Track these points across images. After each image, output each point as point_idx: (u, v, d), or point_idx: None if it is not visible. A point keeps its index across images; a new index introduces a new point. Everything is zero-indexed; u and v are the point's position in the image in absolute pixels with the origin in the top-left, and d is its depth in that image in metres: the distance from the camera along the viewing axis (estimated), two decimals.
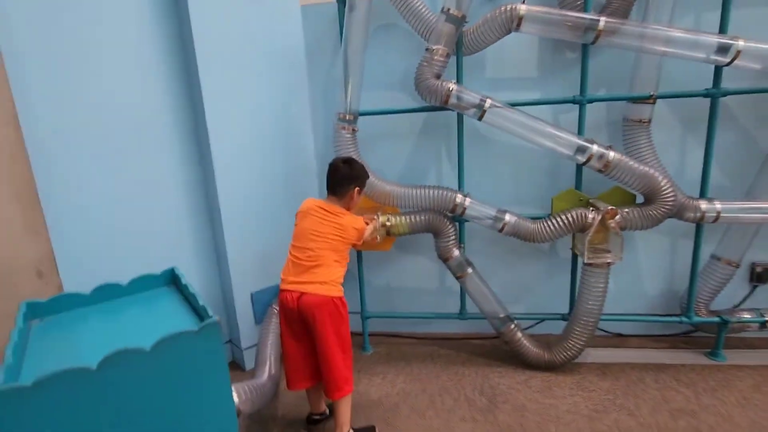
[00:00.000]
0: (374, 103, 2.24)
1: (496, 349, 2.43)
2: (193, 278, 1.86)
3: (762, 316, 2.16)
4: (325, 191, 1.78)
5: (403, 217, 2.14)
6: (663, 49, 1.85)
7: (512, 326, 2.22)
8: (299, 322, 1.68)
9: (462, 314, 2.40)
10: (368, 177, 1.83)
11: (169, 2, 1.98)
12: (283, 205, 2.34)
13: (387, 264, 2.62)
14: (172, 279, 1.72)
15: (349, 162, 1.75)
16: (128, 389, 1.14)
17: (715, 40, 1.79)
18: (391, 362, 2.38)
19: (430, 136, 2.40)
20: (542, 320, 2.42)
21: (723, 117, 2.02)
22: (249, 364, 2.35)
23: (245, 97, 2.17)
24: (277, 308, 2.22)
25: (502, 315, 2.22)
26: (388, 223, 2.13)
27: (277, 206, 2.34)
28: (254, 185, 2.27)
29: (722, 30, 1.86)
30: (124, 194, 1.96)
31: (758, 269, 2.27)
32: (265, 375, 2.02)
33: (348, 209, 1.76)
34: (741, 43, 1.74)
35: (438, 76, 1.98)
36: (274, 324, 2.20)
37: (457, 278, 2.23)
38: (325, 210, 1.70)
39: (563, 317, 2.29)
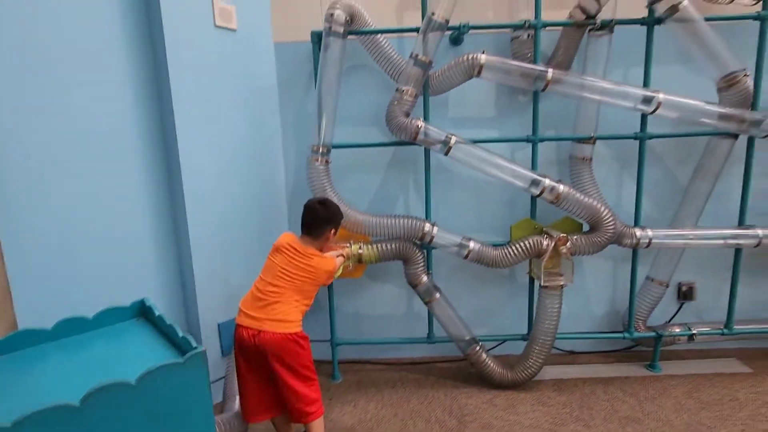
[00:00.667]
0: (345, 137, 2.36)
1: (463, 371, 2.54)
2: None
3: (689, 329, 2.46)
4: (295, 221, 1.83)
5: (375, 246, 2.23)
6: (599, 98, 2.14)
7: (477, 348, 2.34)
8: (257, 356, 1.68)
9: (430, 338, 2.50)
10: (342, 217, 1.89)
11: (144, 32, 2.00)
12: (253, 235, 2.37)
13: (356, 291, 2.68)
14: (141, 311, 1.69)
15: (324, 203, 1.81)
16: (113, 425, 1.11)
17: (641, 92, 2.11)
18: (362, 389, 2.41)
19: (397, 168, 2.55)
20: (504, 341, 2.58)
21: (650, 156, 2.34)
22: (216, 397, 2.28)
23: (218, 127, 2.20)
24: None
25: (467, 337, 2.35)
26: (360, 252, 2.21)
27: (247, 235, 2.36)
28: (224, 214, 2.27)
29: (645, 84, 2.19)
30: (86, 221, 1.89)
31: (684, 288, 2.60)
32: (236, 407, 1.99)
33: (321, 250, 1.80)
34: (661, 95, 2.06)
35: (407, 114, 2.14)
36: None
37: (426, 303, 2.34)
38: (296, 250, 1.71)
39: (523, 337, 2.46)
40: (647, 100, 2.09)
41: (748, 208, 2.31)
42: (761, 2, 2.12)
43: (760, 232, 2.21)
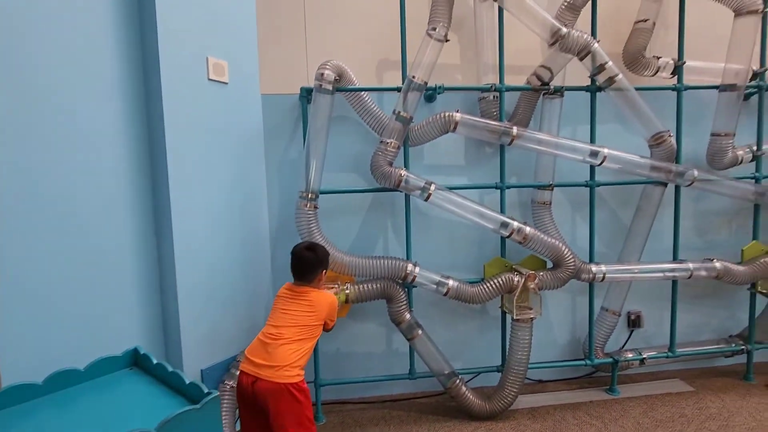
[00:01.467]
0: (327, 183, 2.49)
1: (442, 405, 2.64)
2: None
3: (640, 354, 2.75)
4: (278, 267, 2.00)
5: (361, 285, 2.34)
6: (554, 151, 2.47)
7: (457, 381, 2.47)
8: (254, 406, 1.71)
9: (412, 374, 2.60)
10: (329, 255, 2.02)
11: (140, 84, 2.08)
12: (237, 281, 2.40)
13: (336, 331, 2.71)
14: (134, 360, 1.68)
15: (312, 248, 1.92)
16: None
17: (589, 147, 2.46)
18: (346, 429, 2.44)
19: (377, 211, 2.71)
20: (479, 373, 2.72)
21: (598, 201, 2.69)
22: None
23: (209, 178, 2.26)
24: (230, 384, 2.21)
25: (447, 371, 2.48)
26: (347, 292, 2.31)
27: (232, 282, 2.38)
28: (211, 262, 2.29)
29: (592, 140, 2.56)
30: (68, 268, 1.85)
31: (632, 317, 2.91)
32: None
33: (321, 283, 1.93)
34: (606, 150, 2.42)
35: (390, 164, 2.34)
36: (226, 402, 2.16)
37: (409, 340, 2.45)
38: (294, 291, 1.84)
39: (497, 369, 2.62)
40: (594, 154, 2.44)
41: (680, 244, 2.70)
42: (677, 77, 2.60)
43: (691, 265, 2.58)
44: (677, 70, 2.63)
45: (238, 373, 1.84)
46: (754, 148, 2.67)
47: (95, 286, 1.96)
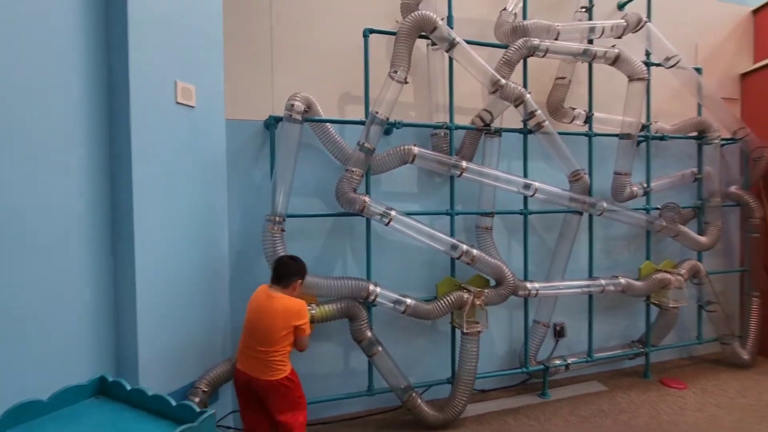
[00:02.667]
0: (290, 207, 2.57)
1: (398, 419, 2.79)
2: None
3: (566, 360, 3.16)
4: (237, 289, 2.31)
5: (326, 305, 2.45)
6: (495, 183, 2.83)
7: (413, 394, 2.64)
8: (252, 394, 1.95)
9: (370, 390, 2.71)
10: (307, 272, 2.16)
11: (105, 106, 2.04)
12: (196, 302, 2.38)
13: (293, 353, 2.77)
14: (100, 389, 1.62)
15: (294, 258, 2.11)
16: None
17: (522, 180, 2.86)
18: None
19: (337, 235, 2.85)
20: (430, 386, 2.92)
21: (530, 227, 3.10)
22: None
23: (171, 197, 2.25)
24: None
25: (404, 385, 2.64)
26: (313, 312, 2.40)
27: (191, 303, 2.35)
28: (172, 283, 2.26)
29: (525, 174, 2.98)
30: (15, 290, 1.74)
31: (558, 328, 3.34)
32: None
33: (297, 292, 2.10)
34: (536, 183, 2.84)
35: (355, 191, 2.52)
36: None
37: (369, 356, 2.58)
38: (269, 295, 1.99)
39: (448, 380, 2.84)
40: (527, 186, 2.84)
41: (594, 264, 3.19)
42: (588, 125, 3.15)
43: (603, 282, 3.07)
44: (588, 119, 3.19)
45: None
46: (645, 185, 3.30)
47: (46, 311, 1.84)
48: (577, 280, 3.10)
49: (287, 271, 2.04)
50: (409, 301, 2.58)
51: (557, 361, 3.16)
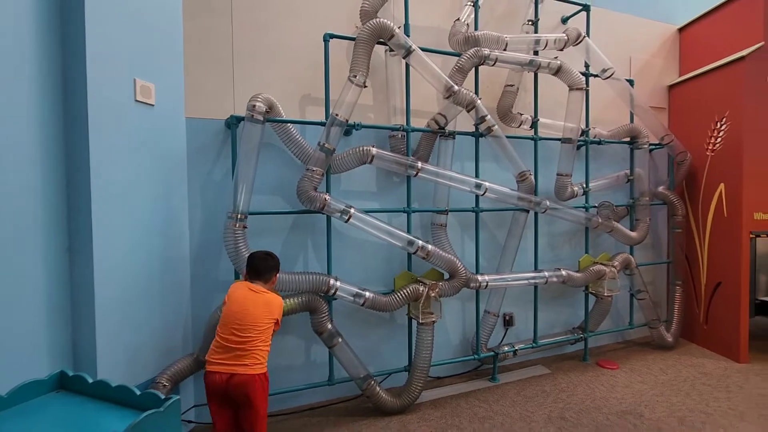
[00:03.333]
0: (252, 204, 2.64)
1: (358, 407, 2.93)
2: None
3: (513, 347, 3.42)
4: (197, 284, 2.45)
5: (288, 299, 2.54)
6: (449, 183, 3.02)
7: (372, 382, 2.79)
8: (226, 399, 1.91)
9: (331, 381, 2.83)
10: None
11: (59, 102, 2.03)
12: (156, 299, 2.42)
13: None
14: (60, 383, 1.64)
15: (270, 254, 2.18)
16: None
17: (474, 180, 3.07)
18: None
19: (297, 232, 2.94)
20: (389, 374, 3.08)
21: (481, 224, 3.33)
22: None
23: (131, 194, 2.27)
24: None
25: (363, 374, 2.78)
26: None
27: (151, 300, 2.39)
28: (131, 280, 2.27)
29: (476, 174, 3.19)
30: None
31: (507, 317, 3.59)
32: None
33: (273, 285, 2.16)
34: (487, 183, 3.06)
35: (315, 189, 2.62)
36: None
37: (330, 348, 2.70)
38: (252, 290, 2.04)
39: (405, 368, 3.01)
40: (478, 186, 3.06)
41: (539, 257, 3.47)
42: (534, 130, 3.42)
43: (546, 273, 3.35)
44: (534, 124, 3.45)
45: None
46: (584, 185, 3.61)
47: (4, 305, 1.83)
48: (524, 273, 3.36)
49: (266, 266, 2.12)
50: (368, 294, 2.71)
51: (506, 348, 3.41)
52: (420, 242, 2.82)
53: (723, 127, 3.73)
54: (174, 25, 2.57)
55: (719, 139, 3.77)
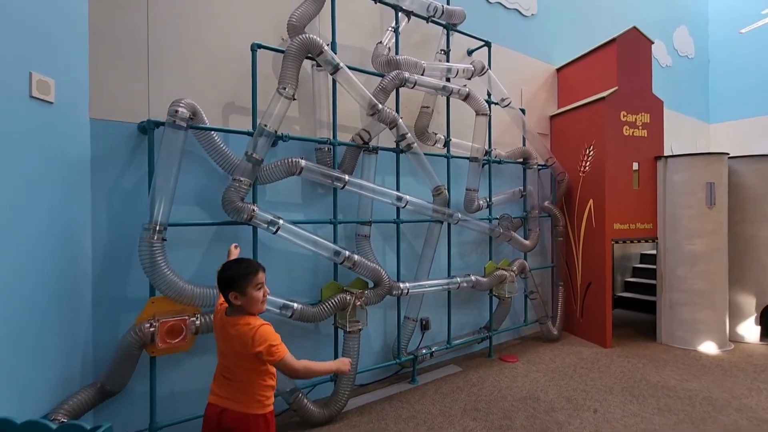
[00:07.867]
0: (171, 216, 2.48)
1: (286, 420, 2.86)
2: None
3: (430, 349, 3.66)
4: (100, 300, 2.18)
5: (209, 316, 2.41)
6: (372, 195, 3.17)
7: (299, 395, 2.76)
8: None
9: None
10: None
11: None
12: (52, 320, 2.12)
13: (171, 368, 2.63)
14: None
15: (229, 264, 1.87)
16: None
17: (395, 193, 3.27)
18: None
19: (220, 244, 2.80)
20: (315, 386, 3.07)
21: (402, 234, 3.53)
22: None
23: (23, 201, 1.97)
24: None
25: (290, 388, 2.74)
26: (197, 323, 2.34)
27: (45, 321, 2.08)
28: (21, 299, 1.96)
29: (397, 188, 3.40)
30: None
31: (424, 321, 3.84)
32: None
33: (249, 305, 1.75)
34: (407, 197, 3.28)
35: (242, 199, 2.55)
36: None
37: None
38: (225, 320, 1.72)
39: (332, 378, 3.04)
40: (399, 199, 3.26)
41: (452, 265, 3.79)
42: (447, 148, 3.76)
43: (458, 279, 3.67)
44: (446, 143, 3.80)
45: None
46: (488, 199, 4.06)
47: None
48: (440, 279, 3.64)
49: (221, 281, 1.75)
50: (296, 305, 2.70)
51: (424, 351, 3.64)
52: (347, 252, 2.91)
53: (591, 153, 4.51)
54: (78, 13, 2.32)
55: (588, 163, 4.55)
